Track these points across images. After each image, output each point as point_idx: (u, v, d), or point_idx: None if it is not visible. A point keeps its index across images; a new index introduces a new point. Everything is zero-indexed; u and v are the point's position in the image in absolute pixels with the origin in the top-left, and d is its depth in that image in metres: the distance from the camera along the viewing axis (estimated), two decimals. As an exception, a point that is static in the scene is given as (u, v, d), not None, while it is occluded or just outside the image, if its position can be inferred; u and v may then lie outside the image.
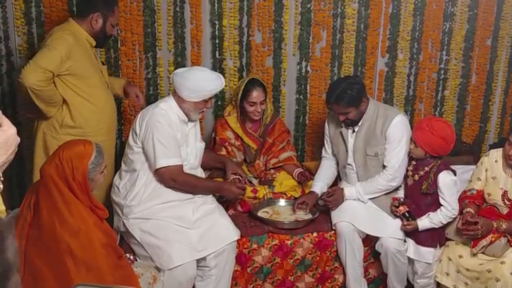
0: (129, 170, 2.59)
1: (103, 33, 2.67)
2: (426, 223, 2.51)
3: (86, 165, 1.99)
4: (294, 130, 3.57)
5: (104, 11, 2.63)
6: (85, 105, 2.63)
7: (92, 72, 2.65)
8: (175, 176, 2.49)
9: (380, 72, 3.61)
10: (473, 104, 3.81)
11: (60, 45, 2.50)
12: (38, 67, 2.41)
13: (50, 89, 2.48)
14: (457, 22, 3.61)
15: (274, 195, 2.92)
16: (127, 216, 2.49)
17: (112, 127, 2.78)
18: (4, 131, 1.00)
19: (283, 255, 2.65)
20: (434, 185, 2.50)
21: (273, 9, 3.32)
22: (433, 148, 2.50)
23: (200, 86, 2.53)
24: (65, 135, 2.59)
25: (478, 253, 2.42)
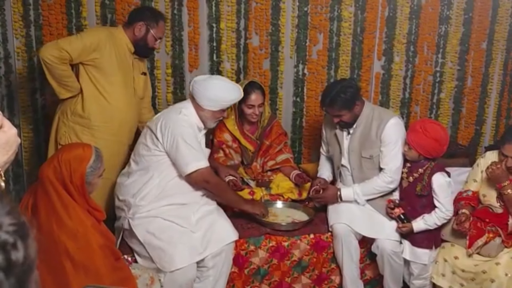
0: (141, 169, 2.58)
1: (144, 42, 2.77)
2: (421, 225, 2.53)
3: (84, 168, 2.00)
4: (291, 132, 3.59)
5: (148, 21, 2.75)
6: (98, 99, 2.70)
7: (116, 71, 2.72)
8: (208, 178, 2.53)
9: (377, 75, 3.64)
10: (468, 106, 3.84)
11: (89, 35, 2.67)
12: (56, 43, 2.58)
13: (63, 68, 2.59)
14: (453, 26, 3.64)
15: (271, 197, 2.94)
16: (133, 215, 2.50)
17: (123, 129, 2.79)
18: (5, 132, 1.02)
19: (280, 256, 2.67)
20: (429, 186, 2.52)
21: (270, 12, 3.34)
22: (427, 150, 2.52)
23: (220, 96, 2.57)
24: (74, 123, 2.71)
25: (474, 254, 2.44)
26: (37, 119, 3.23)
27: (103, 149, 2.42)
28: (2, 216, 0.42)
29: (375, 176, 2.72)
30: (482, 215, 2.49)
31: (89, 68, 2.68)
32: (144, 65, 2.99)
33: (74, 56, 2.60)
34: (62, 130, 2.73)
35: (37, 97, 3.20)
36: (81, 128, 2.71)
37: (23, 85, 3.17)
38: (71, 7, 3.09)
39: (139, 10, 2.92)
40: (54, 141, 2.79)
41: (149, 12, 2.81)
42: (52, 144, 2.80)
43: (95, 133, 2.71)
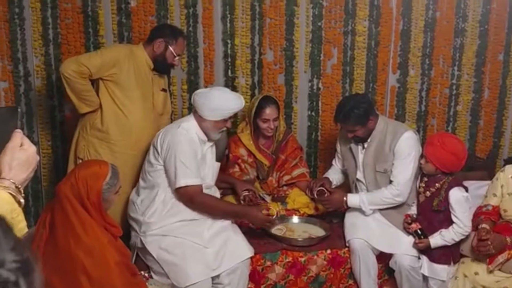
0: (148, 186, 2.61)
1: (163, 59, 2.82)
2: (438, 241, 2.49)
3: (101, 185, 2.02)
4: (307, 146, 3.59)
5: (168, 38, 2.80)
6: (116, 113, 2.75)
7: (134, 86, 2.77)
8: (193, 196, 2.51)
9: (392, 88, 3.62)
10: (486, 119, 3.80)
11: (108, 52, 2.76)
12: (76, 59, 2.67)
13: (82, 83, 2.65)
14: (468, 38, 3.62)
15: (287, 212, 2.93)
16: (144, 232, 2.51)
17: (141, 144, 2.81)
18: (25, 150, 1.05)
19: (297, 272, 2.64)
20: (445, 202, 2.48)
21: (284, 27, 3.37)
22: (444, 164, 2.49)
23: (220, 105, 2.58)
24: (93, 137, 2.76)
25: (495, 270, 2.38)
26: (55, 135, 3.28)
27: (121, 162, 2.47)
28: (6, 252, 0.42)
29: (384, 188, 2.70)
30: (503, 230, 2.44)
31: (108, 84, 2.74)
32: (164, 82, 3.02)
33: (94, 71, 2.66)
34: (81, 144, 2.78)
35: (56, 114, 3.25)
36: (100, 142, 2.76)
37: (41, 102, 3.22)
38: (89, 25, 3.15)
39: (159, 27, 2.97)
40: (73, 155, 2.85)
41: (169, 30, 2.86)
42: (71, 158, 2.86)
43: (113, 147, 2.75)
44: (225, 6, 3.29)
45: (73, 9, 3.12)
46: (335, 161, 3.07)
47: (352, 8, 3.42)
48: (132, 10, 3.18)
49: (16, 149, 1.03)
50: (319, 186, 2.85)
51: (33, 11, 3.09)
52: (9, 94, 3.17)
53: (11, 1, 3.04)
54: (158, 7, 3.20)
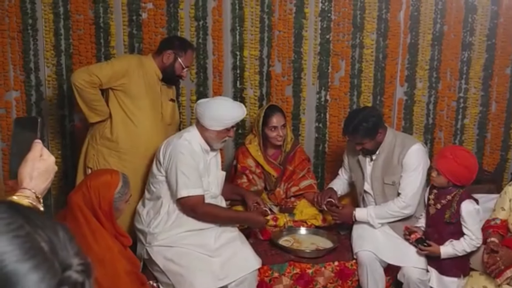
0: (153, 198, 2.63)
1: (171, 70, 2.85)
2: (449, 250, 2.48)
3: (113, 194, 2.04)
4: (314, 158, 3.60)
5: (177, 50, 2.83)
6: (126, 123, 2.78)
7: (144, 96, 2.80)
8: (195, 207, 2.52)
9: (399, 101, 3.64)
10: (493, 132, 3.80)
11: (118, 62, 2.80)
12: (87, 69, 2.72)
13: (92, 92, 2.69)
14: (476, 52, 3.64)
15: (295, 223, 2.93)
16: (150, 243, 2.53)
17: (150, 153, 2.83)
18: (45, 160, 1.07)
19: (305, 284, 2.64)
20: (457, 214, 2.49)
21: (292, 40, 3.40)
22: (457, 177, 2.49)
23: (222, 114, 2.59)
24: (102, 146, 2.79)
25: (503, 284, 2.37)
26: (65, 145, 3.32)
27: (130, 172, 2.49)
28: (72, 257, 0.45)
29: (391, 201, 2.71)
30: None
31: (118, 93, 2.77)
32: (173, 92, 3.05)
33: (104, 81, 2.70)
34: (91, 153, 2.81)
35: (66, 123, 3.29)
36: (109, 151, 2.78)
37: (52, 112, 3.26)
38: (100, 36, 3.19)
39: (168, 39, 3.01)
40: (83, 163, 2.88)
41: (178, 41, 2.90)
42: (81, 167, 2.89)
43: (122, 156, 2.78)
44: (235, 19, 3.33)
45: (85, 20, 3.17)
46: (341, 171, 3.10)
47: (360, 21, 3.45)
48: (143, 21, 3.23)
49: (36, 159, 1.05)
50: (328, 198, 2.85)
51: (46, 22, 3.14)
52: (20, 103, 3.21)
53: (24, 12, 3.10)
54: (168, 19, 3.25)
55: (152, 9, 3.23)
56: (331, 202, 2.87)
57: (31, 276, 0.40)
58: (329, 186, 3.06)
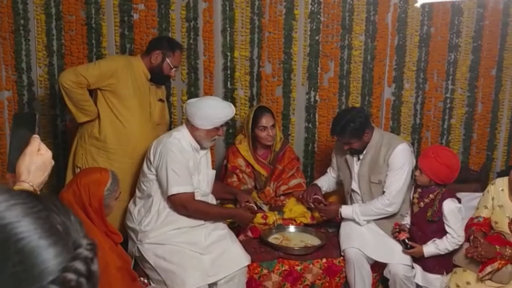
0: (143, 196, 2.67)
1: (159, 70, 2.89)
2: (431, 249, 2.55)
3: (103, 191, 2.08)
4: (303, 157, 3.65)
5: (165, 50, 2.87)
6: (114, 122, 2.82)
7: (131, 96, 2.84)
8: (186, 204, 2.57)
9: (387, 101, 3.70)
10: (479, 132, 3.87)
11: (106, 63, 2.83)
12: (74, 69, 2.76)
13: (80, 93, 2.72)
14: (462, 53, 3.71)
15: (284, 221, 2.98)
16: (141, 241, 2.57)
17: (138, 152, 2.87)
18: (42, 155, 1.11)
19: (293, 280, 2.70)
20: (439, 212, 2.55)
21: (282, 41, 3.45)
22: (438, 176, 2.56)
23: (212, 114, 2.63)
24: (91, 145, 2.83)
25: (485, 279, 2.44)
26: (57, 144, 3.34)
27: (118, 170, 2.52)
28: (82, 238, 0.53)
29: (375, 199, 2.78)
30: (494, 241, 2.50)
31: (106, 93, 2.81)
32: (162, 92, 3.09)
33: (91, 82, 2.73)
34: (80, 153, 2.86)
35: (58, 123, 3.32)
36: (97, 151, 2.82)
37: (44, 111, 3.29)
38: (92, 37, 3.22)
39: (157, 39, 3.05)
40: (72, 163, 2.92)
41: (167, 42, 2.94)
42: (70, 166, 2.93)
43: (110, 155, 2.82)
44: (225, 20, 3.37)
45: (77, 21, 3.20)
46: (329, 169, 3.17)
47: (348, 23, 3.51)
48: (134, 22, 3.26)
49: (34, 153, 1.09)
50: (314, 195, 2.92)
51: (38, 22, 3.17)
52: (12, 103, 3.24)
53: (16, 12, 3.12)
54: (160, 20, 3.29)
55: (143, 10, 3.27)
56: (318, 200, 2.93)
57: (50, 250, 0.48)
58: (314, 182, 3.13)
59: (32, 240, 0.47)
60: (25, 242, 0.47)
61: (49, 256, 0.48)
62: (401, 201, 2.75)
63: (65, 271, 0.48)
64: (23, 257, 0.46)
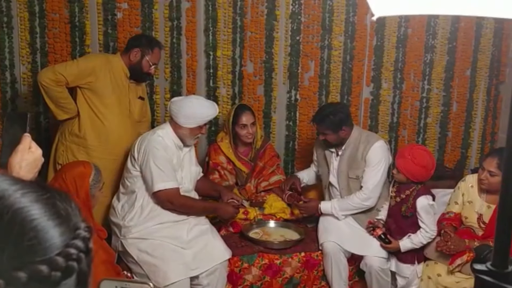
0: (127, 192, 2.73)
1: (139, 67, 2.93)
2: (407, 244, 2.66)
3: (88, 183, 2.17)
4: (284, 154, 3.73)
5: (144, 48, 2.91)
6: (93, 120, 2.87)
7: (110, 94, 2.88)
8: (172, 199, 2.63)
9: (366, 100, 3.80)
10: (454, 131, 3.99)
11: (84, 61, 2.87)
12: (53, 68, 2.79)
13: (58, 90, 2.76)
14: (438, 54, 3.82)
15: (264, 217, 3.06)
16: (125, 236, 2.62)
17: (118, 149, 2.92)
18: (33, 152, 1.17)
19: (273, 274, 2.78)
20: (413, 208, 2.67)
21: (264, 41, 3.52)
22: (414, 175, 2.67)
23: (195, 112, 2.69)
24: (71, 143, 2.88)
25: (455, 271, 2.55)
26: (40, 141, 3.33)
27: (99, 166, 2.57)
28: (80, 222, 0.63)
29: (353, 194, 2.88)
30: (464, 235, 2.62)
31: (85, 91, 2.85)
32: (143, 90, 3.13)
33: (70, 80, 2.77)
34: (60, 150, 2.90)
35: (41, 120, 3.34)
36: (77, 148, 2.87)
37: (27, 109, 3.30)
38: (76, 35, 3.25)
39: (136, 37, 3.08)
40: (53, 160, 2.96)
41: (145, 40, 2.98)
42: (51, 163, 2.97)
43: (90, 152, 2.87)
44: (208, 20, 3.43)
45: (60, 19, 3.22)
46: (312, 165, 3.26)
47: (328, 24, 3.59)
48: (118, 21, 3.30)
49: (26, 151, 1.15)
50: (290, 188, 3.05)
51: (21, 20, 3.18)
52: (-5, 100, 3.25)
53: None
54: (143, 19, 3.33)
55: (127, 9, 3.30)
56: (296, 197, 3.04)
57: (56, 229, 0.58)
58: (294, 174, 3.22)
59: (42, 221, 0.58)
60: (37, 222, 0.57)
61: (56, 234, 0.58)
62: (378, 195, 2.86)
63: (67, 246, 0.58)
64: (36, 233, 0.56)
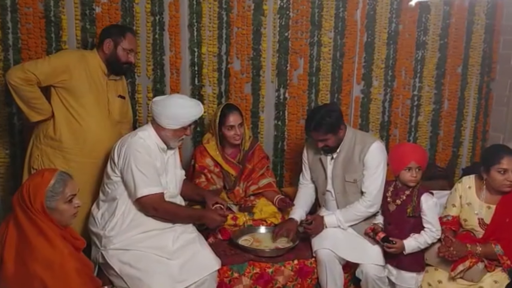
0: (107, 199, 2.55)
1: (115, 58, 2.76)
2: (412, 243, 2.54)
3: (43, 193, 1.93)
4: (273, 155, 3.60)
5: (115, 36, 2.75)
6: (69, 121, 2.68)
7: (87, 92, 2.70)
8: (156, 205, 2.47)
9: (356, 99, 3.69)
10: (446, 129, 3.93)
11: (57, 58, 2.69)
12: (22, 66, 2.61)
13: (29, 90, 2.58)
14: (429, 51, 3.74)
15: (254, 222, 2.92)
16: (105, 247, 2.45)
17: (98, 151, 2.74)
18: None
19: (264, 283, 2.64)
20: (419, 207, 2.56)
21: (251, 37, 3.38)
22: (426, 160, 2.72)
23: (179, 113, 2.53)
24: (46, 146, 2.70)
25: (457, 278, 2.45)
26: (14, 144, 3.16)
27: (76, 172, 2.41)
28: None
29: (356, 202, 2.74)
30: (465, 240, 2.52)
31: (59, 90, 2.67)
32: (123, 88, 2.96)
33: (41, 78, 2.59)
34: (35, 154, 2.71)
35: (15, 121, 3.13)
36: (53, 151, 2.69)
37: (0, 109, 3.10)
38: (51, 31, 3.05)
39: (105, 28, 2.90)
40: (28, 165, 2.76)
41: (114, 28, 2.83)
42: (26, 168, 2.78)
43: (67, 155, 2.69)
44: (192, 14, 3.27)
45: (34, 13, 3.02)
46: (302, 175, 3.03)
47: (318, 19, 3.47)
48: (96, 16, 3.11)
49: None
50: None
51: (-9, 15, 2.97)
52: (-35, 100, 3.04)
53: (-32, 4, 2.92)
54: (123, 13, 3.15)
55: (106, 3, 3.11)
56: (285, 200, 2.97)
57: None
58: (290, 217, 2.88)
59: None
60: None
61: None
62: (381, 200, 2.72)
63: None
64: None
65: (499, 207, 2.54)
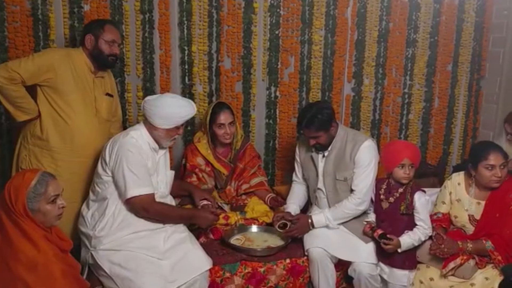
0: (98, 199, 2.52)
1: (98, 52, 2.72)
2: (407, 240, 2.53)
3: (24, 194, 1.90)
4: (264, 154, 3.59)
5: (94, 30, 2.72)
6: (56, 120, 2.64)
7: (73, 90, 2.66)
8: (147, 205, 2.44)
9: (347, 97, 3.69)
10: (436, 127, 3.94)
11: (41, 57, 2.65)
12: (5, 65, 2.57)
13: (14, 89, 2.54)
14: (419, 49, 3.76)
15: (246, 221, 2.90)
16: (95, 247, 2.41)
17: (86, 150, 2.70)
18: None
19: (256, 282, 2.62)
20: (412, 205, 2.56)
21: (242, 35, 3.36)
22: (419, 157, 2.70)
23: (172, 113, 2.51)
24: (34, 146, 2.66)
25: (448, 275, 2.46)
26: (2, 144, 3.11)
27: (64, 171, 2.38)
28: None
29: (345, 199, 2.73)
30: (455, 237, 2.53)
31: (45, 89, 2.64)
32: (111, 87, 2.92)
33: (26, 77, 2.55)
34: (23, 154, 2.68)
35: (2, 121, 3.09)
36: (41, 151, 2.65)
37: (-14, 109, 3.05)
38: (39, 29, 3.01)
39: (85, 25, 2.89)
40: (16, 165, 2.73)
41: (94, 23, 2.80)
42: (14, 169, 2.74)
43: (55, 155, 2.65)
44: (182, 12, 3.24)
45: (21, 11, 2.97)
46: (295, 173, 3.04)
47: (308, 17, 3.46)
48: (85, 14, 3.07)
49: None
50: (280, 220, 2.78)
51: (-23, 13, 2.92)
52: (-50, 100, 2.98)
53: (-47, 2, 2.87)
54: (112, 11, 3.11)
55: (94, 1, 3.07)
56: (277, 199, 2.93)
57: None
58: (288, 203, 2.91)
59: None
60: None
61: None
62: (370, 198, 2.72)
63: None
64: None
65: (488, 203, 2.55)
